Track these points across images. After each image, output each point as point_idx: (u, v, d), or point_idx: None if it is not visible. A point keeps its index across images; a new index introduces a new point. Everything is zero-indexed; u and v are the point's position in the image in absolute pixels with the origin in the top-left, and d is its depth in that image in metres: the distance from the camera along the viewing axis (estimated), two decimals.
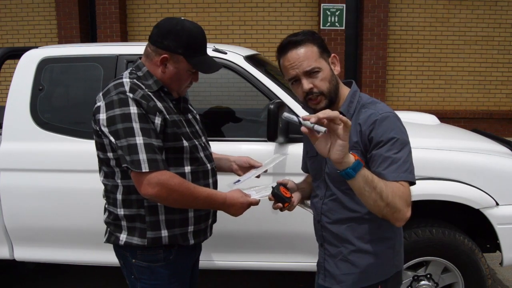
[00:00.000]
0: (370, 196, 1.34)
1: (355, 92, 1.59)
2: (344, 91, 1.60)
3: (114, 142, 1.57)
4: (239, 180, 1.90)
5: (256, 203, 1.74)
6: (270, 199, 1.68)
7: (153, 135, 1.57)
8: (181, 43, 1.64)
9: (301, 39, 1.51)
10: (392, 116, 1.49)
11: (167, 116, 1.65)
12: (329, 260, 1.66)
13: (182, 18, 1.72)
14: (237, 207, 1.71)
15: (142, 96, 1.60)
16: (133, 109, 1.57)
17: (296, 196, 1.73)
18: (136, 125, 1.55)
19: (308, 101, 1.54)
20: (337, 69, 1.57)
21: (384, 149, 1.44)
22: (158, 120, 1.60)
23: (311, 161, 1.71)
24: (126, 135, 1.54)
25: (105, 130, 1.59)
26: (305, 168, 1.86)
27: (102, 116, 1.59)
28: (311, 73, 1.50)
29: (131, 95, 1.59)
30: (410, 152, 1.46)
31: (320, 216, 1.65)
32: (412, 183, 1.44)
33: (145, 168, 1.52)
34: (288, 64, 1.52)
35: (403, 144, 1.45)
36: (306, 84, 1.50)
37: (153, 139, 1.57)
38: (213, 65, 1.75)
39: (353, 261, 1.59)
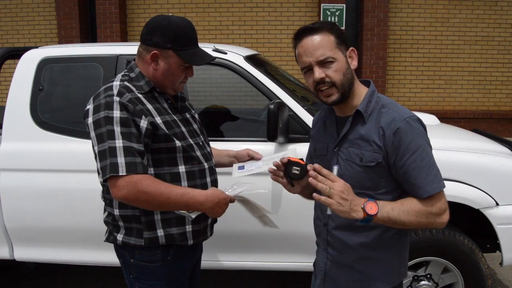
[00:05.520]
0: (395, 226, 1.45)
1: (374, 92, 1.53)
2: (361, 89, 1.54)
3: (95, 150, 1.59)
4: (243, 167, 1.85)
5: (232, 200, 1.69)
6: (278, 167, 1.48)
7: (134, 140, 1.57)
8: (169, 37, 1.64)
9: (318, 26, 1.45)
10: (416, 120, 1.46)
11: (156, 119, 1.64)
12: (332, 266, 1.60)
13: (170, 14, 1.72)
14: (221, 204, 1.64)
15: (129, 100, 1.61)
16: (117, 113, 1.58)
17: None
18: (117, 129, 1.56)
19: (319, 93, 1.48)
20: (354, 63, 1.49)
21: (416, 158, 1.41)
22: (144, 124, 1.60)
23: (319, 159, 1.61)
24: (108, 137, 1.56)
25: (92, 134, 1.61)
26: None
27: (90, 120, 1.62)
28: (324, 63, 1.43)
29: (117, 98, 1.60)
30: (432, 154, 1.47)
31: (327, 219, 1.58)
32: None
33: (122, 171, 1.53)
34: (302, 50, 1.45)
35: (430, 148, 1.46)
36: (318, 72, 1.43)
37: (134, 143, 1.57)
38: (204, 57, 1.72)
39: (358, 269, 1.55)
